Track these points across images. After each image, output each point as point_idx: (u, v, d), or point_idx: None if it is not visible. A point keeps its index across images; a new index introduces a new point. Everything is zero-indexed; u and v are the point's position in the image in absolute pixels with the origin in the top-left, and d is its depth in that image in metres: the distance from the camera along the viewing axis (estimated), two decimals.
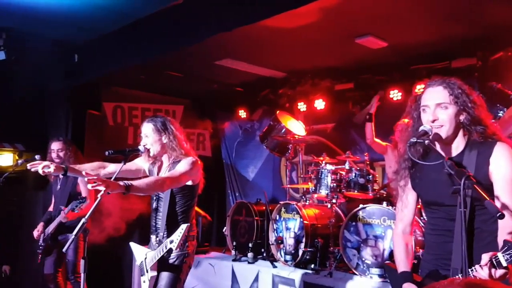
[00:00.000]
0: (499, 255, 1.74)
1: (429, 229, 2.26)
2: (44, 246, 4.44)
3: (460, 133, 2.11)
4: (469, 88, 2.13)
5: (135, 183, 2.72)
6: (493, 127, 2.10)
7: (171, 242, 2.90)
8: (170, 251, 2.93)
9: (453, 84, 2.10)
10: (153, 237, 3.21)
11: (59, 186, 4.61)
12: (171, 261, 3.06)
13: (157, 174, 3.22)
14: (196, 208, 3.29)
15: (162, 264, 3.08)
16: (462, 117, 2.07)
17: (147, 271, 3.13)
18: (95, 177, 2.55)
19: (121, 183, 2.59)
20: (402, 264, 2.24)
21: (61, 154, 4.53)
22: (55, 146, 4.56)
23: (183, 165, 3.04)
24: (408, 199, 2.30)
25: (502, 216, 1.72)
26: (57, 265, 4.52)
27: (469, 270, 1.86)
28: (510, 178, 1.98)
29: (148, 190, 2.84)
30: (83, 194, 4.43)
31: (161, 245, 3.00)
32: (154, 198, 3.21)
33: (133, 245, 3.42)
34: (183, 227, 2.89)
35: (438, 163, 2.00)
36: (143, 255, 3.20)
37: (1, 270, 5.72)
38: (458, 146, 2.11)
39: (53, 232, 4.42)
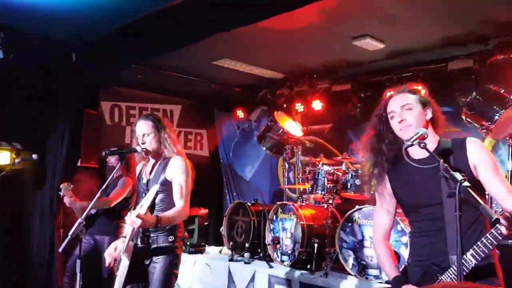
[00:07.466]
0: None
1: (415, 233, 2.24)
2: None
3: (431, 131, 2.16)
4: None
5: (163, 217, 2.84)
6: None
7: (141, 206, 2.89)
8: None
9: (413, 88, 2.27)
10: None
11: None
12: (160, 265, 2.96)
13: (149, 173, 3.16)
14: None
15: (152, 269, 2.97)
16: (428, 114, 2.19)
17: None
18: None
19: (151, 219, 2.75)
20: (392, 270, 2.22)
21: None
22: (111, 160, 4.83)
23: (181, 175, 3.03)
24: (387, 205, 2.29)
25: (496, 221, 1.71)
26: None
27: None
28: (492, 166, 2.06)
29: (176, 220, 2.98)
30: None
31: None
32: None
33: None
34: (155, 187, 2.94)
35: (434, 165, 1.98)
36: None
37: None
38: (431, 146, 2.13)
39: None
